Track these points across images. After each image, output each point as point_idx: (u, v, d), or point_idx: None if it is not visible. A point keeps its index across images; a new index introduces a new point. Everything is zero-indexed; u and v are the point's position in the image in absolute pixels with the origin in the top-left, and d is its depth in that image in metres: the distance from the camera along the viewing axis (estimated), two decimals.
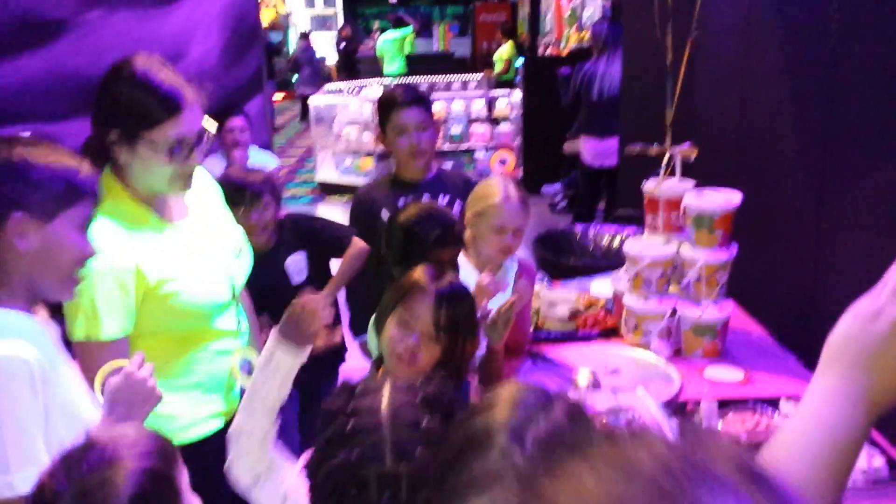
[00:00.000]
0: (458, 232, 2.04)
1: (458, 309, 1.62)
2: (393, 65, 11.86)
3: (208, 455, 1.62)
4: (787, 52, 2.46)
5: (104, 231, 1.58)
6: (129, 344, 1.64)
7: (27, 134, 1.41)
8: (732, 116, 2.83)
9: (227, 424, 1.74)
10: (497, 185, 2.19)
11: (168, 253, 1.67)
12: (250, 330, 1.95)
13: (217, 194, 1.91)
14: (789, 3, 2.45)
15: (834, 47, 2.15)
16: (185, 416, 1.73)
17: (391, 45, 12.07)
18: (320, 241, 2.64)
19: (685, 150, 2.40)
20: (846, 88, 2.12)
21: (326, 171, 8.80)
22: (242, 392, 1.85)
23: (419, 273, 1.66)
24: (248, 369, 1.84)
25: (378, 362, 1.70)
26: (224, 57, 5.04)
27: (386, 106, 2.55)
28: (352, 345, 2.74)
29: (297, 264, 2.58)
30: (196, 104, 1.64)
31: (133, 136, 1.60)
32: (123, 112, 1.59)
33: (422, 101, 2.53)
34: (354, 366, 2.75)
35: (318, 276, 2.62)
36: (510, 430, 0.90)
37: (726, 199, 2.28)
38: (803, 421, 0.82)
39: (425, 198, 2.49)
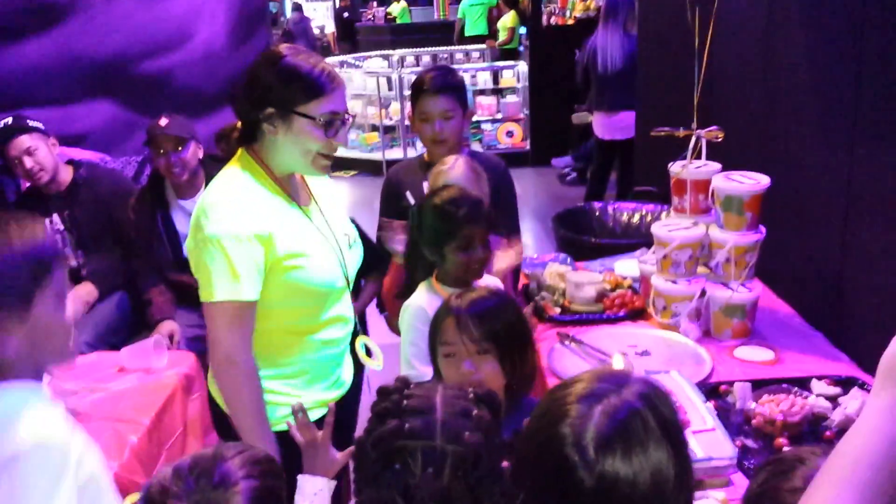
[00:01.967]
0: (487, 211, 2.06)
1: (488, 321, 1.62)
2: (476, 28, 12.12)
3: None
4: (810, 31, 2.44)
5: (245, 195, 1.71)
6: (256, 310, 1.73)
7: None
8: (756, 98, 2.82)
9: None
10: (449, 157, 2.32)
11: (296, 230, 1.77)
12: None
13: (336, 193, 2.02)
14: None
15: (860, 24, 2.13)
16: (287, 404, 1.79)
17: (476, 10, 12.19)
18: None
19: (712, 133, 2.41)
20: (873, 67, 2.10)
21: None
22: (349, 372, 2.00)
23: (446, 301, 1.71)
24: (372, 353, 1.98)
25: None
26: (231, 38, 4.99)
27: (415, 90, 2.56)
28: (378, 318, 2.81)
29: None
30: (343, 86, 1.76)
31: (289, 111, 1.70)
32: (279, 90, 1.70)
33: (450, 89, 2.52)
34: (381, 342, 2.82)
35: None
36: (582, 399, 0.96)
37: (755, 181, 2.29)
38: (863, 437, 0.85)
39: None
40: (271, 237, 1.69)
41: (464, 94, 2.61)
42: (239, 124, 1.82)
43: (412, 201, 2.63)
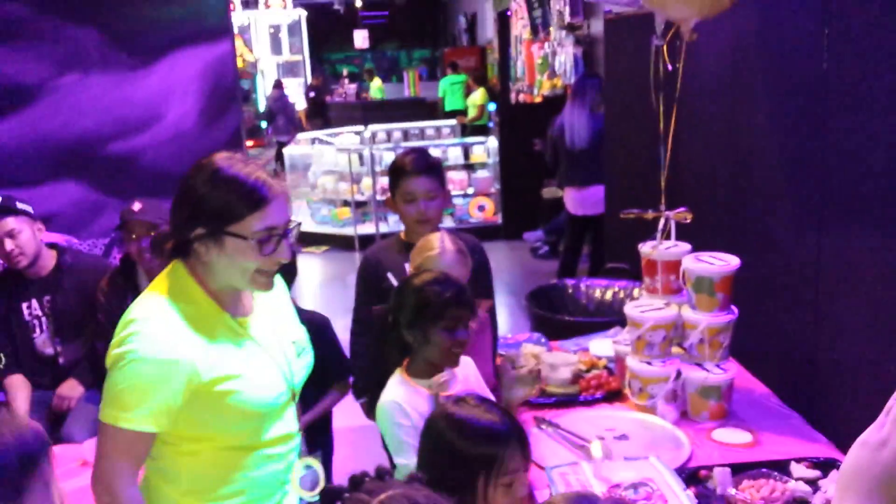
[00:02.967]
0: (471, 295, 2.04)
1: None
2: (455, 104, 12.88)
3: None
4: (776, 113, 2.51)
5: (163, 318, 1.57)
6: (153, 441, 1.59)
7: None
8: (724, 179, 2.88)
9: None
10: (435, 238, 2.31)
11: (229, 350, 1.62)
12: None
13: (284, 291, 1.87)
14: (775, 62, 2.51)
15: (825, 106, 2.19)
16: None
17: (455, 87, 13.02)
18: (323, 354, 2.58)
19: (680, 214, 2.44)
20: (840, 148, 2.15)
21: (303, 221, 8.75)
22: None
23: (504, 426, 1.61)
24: (312, 480, 1.75)
25: None
26: (202, 118, 5.01)
27: (396, 172, 2.58)
28: (353, 405, 2.73)
29: None
30: (283, 196, 1.61)
31: (220, 231, 1.57)
32: (208, 208, 1.57)
33: (431, 169, 2.56)
34: (355, 424, 2.76)
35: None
36: None
37: (725, 262, 2.31)
38: None
39: None
40: (193, 365, 1.55)
41: (443, 174, 2.64)
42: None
43: (395, 283, 2.61)
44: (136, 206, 2.98)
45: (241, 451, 1.67)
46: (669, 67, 2.31)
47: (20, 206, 3.05)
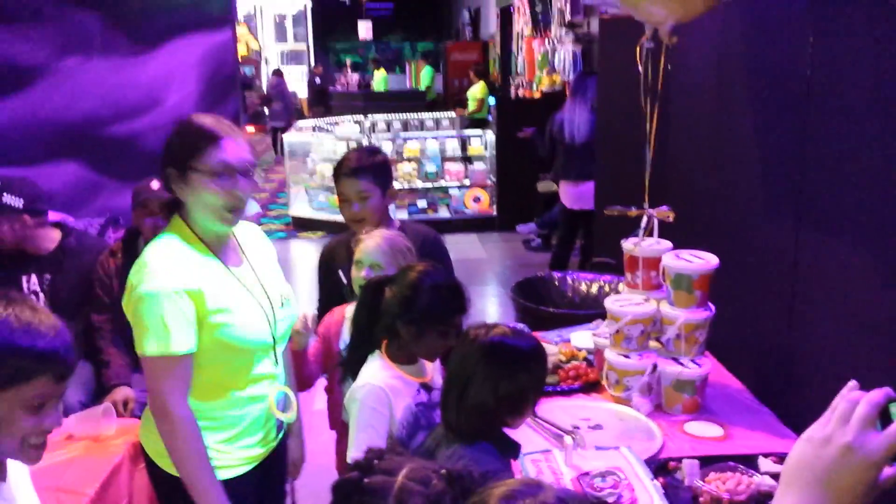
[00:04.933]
0: (467, 296, 2.05)
1: None
2: (430, 94, 13.48)
3: (236, 498, 1.80)
4: (758, 118, 2.55)
5: (176, 254, 1.79)
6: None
7: None
8: (707, 181, 2.92)
9: (259, 467, 1.94)
10: (373, 231, 2.35)
11: (225, 288, 1.83)
12: (287, 373, 2.09)
13: (273, 255, 2.08)
14: (760, 66, 2.55)
15: (807, 111, 2.23)
16: (214, 460, 1.82)
17: (431, 77, 13.48)
18: None
19: (662, 212, 2.49)
20: (819, 152, 2.20)
21: (300, 207, 8.82)
22: (280, 427, 2.02)
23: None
24: (284, 405, 2.00)
25: None
26: (201, 103, 5.05)
27: (334, 172, 2.59)
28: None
29: None
30: (237, 136, 1.82)
31: (185, 168, 1.78)
32: (174, 148, 1.80)
33: (365, 170, 2.51)
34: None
35: None
36: (501, 500, 0.97)
37: (704, 260, 2.36)
38: None
39: None
40: (201, 292, 1.76)
41: (382, 174, 2.56)
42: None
43: (345, 281, 2.64)
44: (155, 184, 2.96)
45: (228, 388, 1.87)
46: (640, 69, 2.35)
47: (6, 200, 2.97)
